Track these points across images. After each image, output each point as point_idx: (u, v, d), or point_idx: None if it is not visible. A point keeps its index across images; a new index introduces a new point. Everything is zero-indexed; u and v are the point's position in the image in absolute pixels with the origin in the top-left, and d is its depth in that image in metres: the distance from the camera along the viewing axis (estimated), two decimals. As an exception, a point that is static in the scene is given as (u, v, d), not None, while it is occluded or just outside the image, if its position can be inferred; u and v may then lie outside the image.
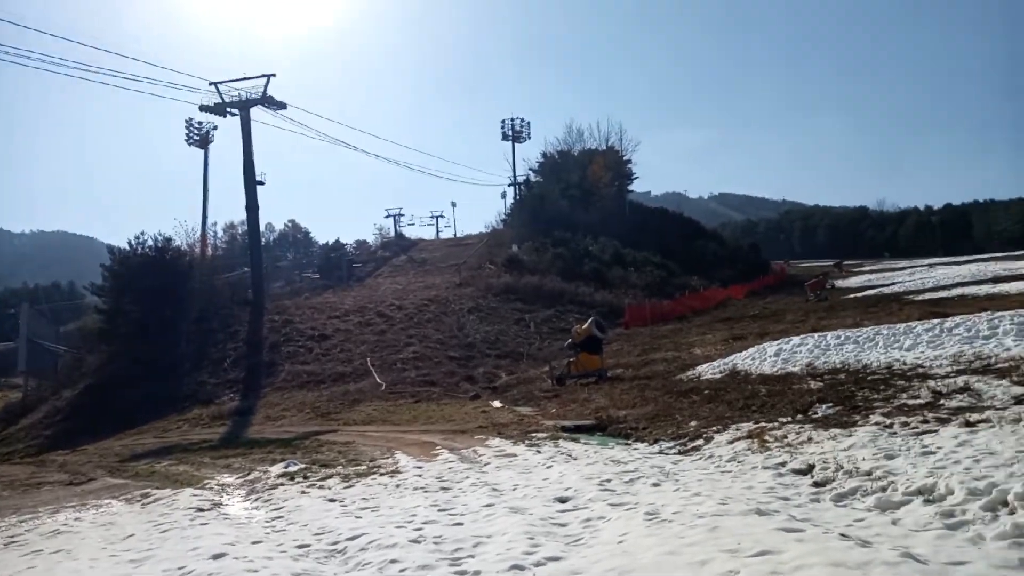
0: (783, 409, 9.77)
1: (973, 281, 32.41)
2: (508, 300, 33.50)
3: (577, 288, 37.47)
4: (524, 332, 28.72)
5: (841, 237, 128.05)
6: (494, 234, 59.65)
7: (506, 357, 24.44)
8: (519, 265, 41.79)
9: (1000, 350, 11.28)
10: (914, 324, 14.74)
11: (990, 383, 9.07)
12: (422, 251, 57.21)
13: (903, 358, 12.05)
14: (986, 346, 11.73)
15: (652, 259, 50.10)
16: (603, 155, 66.04)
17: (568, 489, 6.76)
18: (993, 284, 28.39)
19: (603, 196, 61.44)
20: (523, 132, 64.42)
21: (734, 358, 15.49)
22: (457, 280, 38.07)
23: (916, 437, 6.98)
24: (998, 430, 6.72)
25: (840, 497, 5.52)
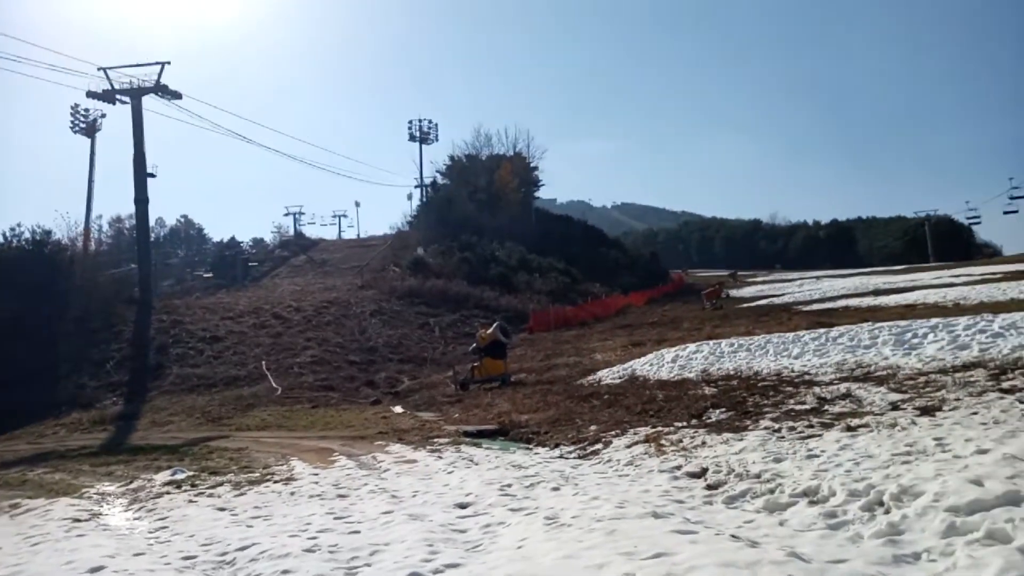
0: (679, 414, 10.04)
1: (856, 293, 34.32)
2: (412, 303, 33.21)
3: (483, 292, 37.56)
4: (428, 336, 28.54)
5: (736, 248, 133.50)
6: (399, 236, 59.12)
7: (409, 362, 24.19)
8: (424, 268, 41.55)
9: (879, 359, 11.96)
10: (802, 333, 15.48)
11: (870, 390, 9.60)
12: (323, 251, 56.07)
13: (791, 365, 12.61)
14: (867, 355, 12.41)
15: (557, 265, 50.79)
16: (511, 161, 66.51)
17: (469, 495, 6.73)
18: (874, 296, 30.11)
19: (510, 201, 61.89)
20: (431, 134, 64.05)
21: (633, 364, 15.86)
22: (359, 282, 37.49)
23: (802, 441, 7.29)
24: (876, 434, 7.10)
25: (731, 499, 5.70)
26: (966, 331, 12.59)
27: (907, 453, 6.08)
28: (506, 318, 26.52)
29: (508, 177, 63.49)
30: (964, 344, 11.79)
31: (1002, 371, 9.57)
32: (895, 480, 5.15)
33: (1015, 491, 4.50)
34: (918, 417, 7.66)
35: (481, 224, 54.18)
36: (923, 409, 8.00)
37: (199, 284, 44.09)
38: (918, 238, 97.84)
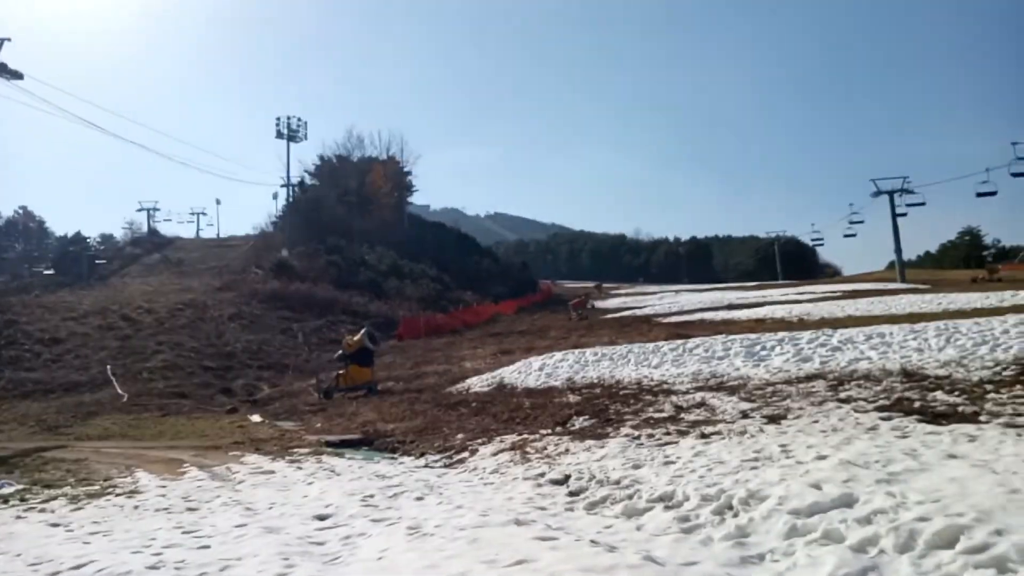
0: (545, 422, 10.19)
1: (712, 307, 36.13)
2: (275, 307, 32.06)
3: (351, 298, 36.83)
4: (291, 342, 27.62)
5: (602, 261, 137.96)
6: (263, 237, 56.91)
7: (270, 368, 23.32)
8: (289, 271, 40.20)
9: (732, 369, 12.62)
10: (661, 344, 16.12)
11: (722, 399, 10.10)
12: (180, 250, 53.09)
13: (651, 375, 13.09)
14: (720, 365, 13.08)
15: (429, 272, 50.58)
16: (384, 164, 65.69)
17: (329, 506, 6.50)
18: (728, 311, 31.81)
19: (382, 205, 61.11)
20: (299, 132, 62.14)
21: (502, 372, 15.98)
22: (218, 284, 35.71)
23: (660, 448, 7.56)
24: (727, 441, 7.47)
25: (592, 505, 5.80)
26: (809, 345, 13.52)
27: (755, 459, 6.42)
28: (375, 324, 26.08)
29: (380, 181, 62.68)
30: (807, 357, 12.65)
31: (840, 382, 10.32)
32: (744, 485, 5.42)
33: (849, 494, 4.84)
34: (766, 425, 8.13)
35: (351, 227, 53.14)
36: (770, 417, 8.50)
37: (39, 281, 40.58)
38: (769, 257, 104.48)
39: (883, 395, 9.05)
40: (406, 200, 70.88)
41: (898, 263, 56.36)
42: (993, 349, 11.36)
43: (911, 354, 11.82)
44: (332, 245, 47.77)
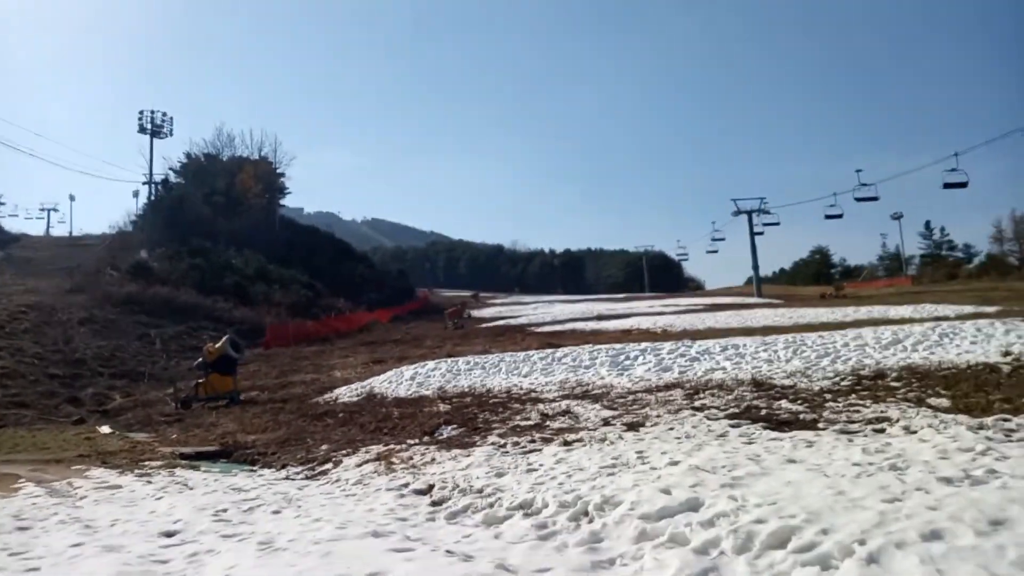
0: (412, 431, 10.11)
1: (583, 317, 37.12)
2: (131, 312, 30.18)
3: (215, 303, 35.22)
4: (148, 349, 26.07)
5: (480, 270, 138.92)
6: (120, 237, 53.47)
7: (124, 377, 21.91)
8: (148, 273, 37.96)
9: (597, 378, 12.99)
10: (532, 353, 16.38)
11: (586, 407, 10.38)
12: (26, 248, 49.13)
13: (521, 383, 13.27)
14: (587, 374, 13.43)
15: (300, 278, 49.15)
16: (255, 164, 63.41)
17: (178, 522, 6.16)
18: (598, 321, 32.77)
19: (252, 207, 58.89)
20: (164, 127, 59.09)
21: (372, 381, 15.74)
22: (68, 286, 33.21)
23: (524, 456, 7.66)
24: (588, 448, 7.67)
25: (453, 515, 5.80)
26: (669, 355, 14.12)
27: (613, 465, 6.62)
28: (240, 332, 25.06)
29: (251, 181, 60.41)
30: (667, 366, 13.20)
31: (696, 391, 10.84)
32: (600, 491, 5.57)
33: (695, 498, 5.07)
34: (625, 432, 8.41)
35: (217, 229, 50.84)
36: (630, 425, 8.80)
37: None
38: (638, 270, 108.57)
39: (734, 403, 9.57)
40: (278, 203, 68.63)
41: (755, 279, 59.92)
42: (834, 361, 12.26)
43: (762, 365, 12.57)
44: (196, 247, 45.52)
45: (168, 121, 59.60)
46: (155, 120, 58.71)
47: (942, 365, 11.13)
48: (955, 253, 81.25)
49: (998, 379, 9.75)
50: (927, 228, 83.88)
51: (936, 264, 77.60)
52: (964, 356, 11.67)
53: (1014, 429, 6.99)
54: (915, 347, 12.79)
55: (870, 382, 10.33)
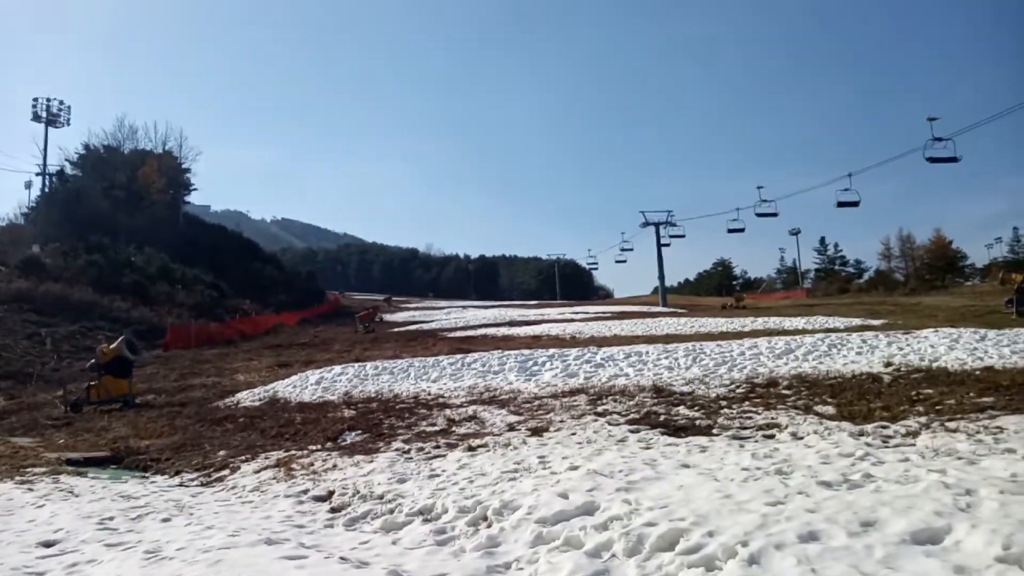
0: (315, 437, 9.92)
1: (495, 323, 37.29)
2: (20, 310, 28.47)
3: (112, 302, 33.59)
4: (38, 349, 24.64)
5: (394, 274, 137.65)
6: (10, 230, 50.35)
7: (9, 378, 20.61)
8: (40, 269, 35.84)
9: (505, 384, 13.09)
10: (442, 358, 16.36)
11: (493, 412, 10.44)
12: (-97, 241, 45.65)
13: (429, 388, 13.23)
14: (495, 380, 13.51)
15: (204, 278, 47.50)
16: (159, 158, 60.97)
17: (59, 531, 5.85)
18: (509, 327, 32.98)
19: (155, 203, 56.58)
20: (61, 116, 56.00)
21: (276, 385, 15.37)
22: (-51, 280, 31.13)
23: (427, 461, 7.65)
24: (492, 454, 7.73)
25: (352, 521, 5.74)
26: (576, 361, 14.37)
27: (515, 470, 6.70)
28: (138, 332, 24.04)
29: (154, 176, 58.04)
30: (573, 372, 13.43)
31: (599, 397, 11.07)
32: (499, 496, 5.63)
33: (591, 502, 5.19)
34: (529, 437, 8.51)
35: (117, 225, 48.54)
36: (534, 430, 8.91)
37: None
38: (550, 277, 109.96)
39: (635, 409, 9.82)
40: (183, 199, 66.20)
41: (661, 289, 61.70)
42: (731, 369, 12.75)
43: (663, 372, 12.95)
44: (94, 243, 43.29)
45: (65, 110, 56.58)
46: (51, 108, 55.59)
47: (830, 374, 11.75)
48: (847, 268, 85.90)
49: (879, 388, 10.37)
50: (822, 244, 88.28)
51: (830, 278, 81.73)
52: (850, 366, 12.35)
53: (891, 436, 7.45)
54: (806, 357, 13.45)
55: (763, 390, 10.80)
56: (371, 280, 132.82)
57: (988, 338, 14.72)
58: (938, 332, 16.12)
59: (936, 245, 75.40)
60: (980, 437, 6.98)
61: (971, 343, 14.12)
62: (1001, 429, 7.27)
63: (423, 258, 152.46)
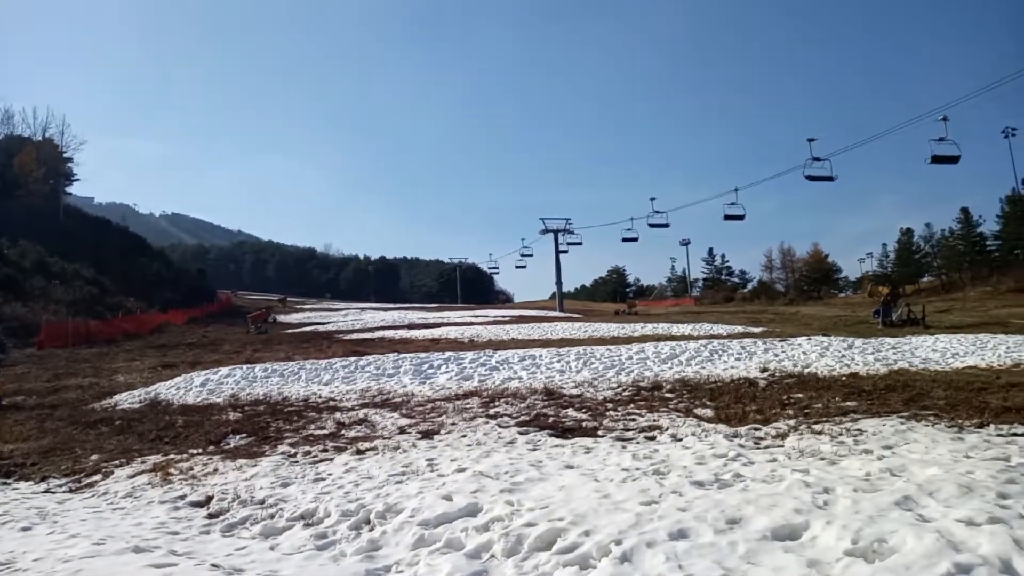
0: (197, 440, 9.57)
1: (393, 326, 36.92)
2: None
3: (-21, 297, 31.30)
4: None
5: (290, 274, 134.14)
6: None
7: None
8: None
9: (399, 387, 13.00)
10: (335, 361, 16.08)
11: (384, 415, 10.36)
12: None
13: (320, 392, 12.98)
14: (389, 383, 13.40)
15: (85, 273, 44.89)
16: (37, 146, 57.36)
17: (-101, 545, 5.43)
18: (408, 330, 32.72)
19: (32, 192, 53.15)
20: (-74, 97, 51.78)
21: (159, 387, 14.71)
22: None
23: (314, 465, 7.52)
24: (380, 457, 7.68)
25: (230, 527, 5.59)
26: (471, 364, 14.44)
27: (402, 473, 6.69)
28: (9, 329, 22.51)
29: (32, 164, 54.50)
30: (468, 375, 13.49)
31: (492, 399, 11.17)
32: (384, 499, 5.62)
33: (475, 504, 5.26)
34: (419, 440, 8.51)
35: (-12, 214, 45.31)
36: (425, 433, 8.91)
37: None
38: (451, 280, 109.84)
39: (526, 411, 9.98)
40: (64, 189, 62.44)
41: (558, 294, 62.91)
42: (619, 372, 13.12)
43: (555, 375, 13.20)
44: (-41, 233, 40.24)
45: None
46: (-88, 86, 51.36)
47: (710, 378, 12.28)
48: (733, 278, 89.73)
49: (755, 392, 10.92)
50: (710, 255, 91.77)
51: (716, 287, 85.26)
52: (729, 371, 12.95)
53: (762, 437, 7.87)
54: (689, 362, 14.01)
55: (648, 393, 11.18)
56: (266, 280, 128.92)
57: (855, 346, 15.76)
58: (811, 340, 17.12)
59: (814, 258, 79.80)
60: (842, 439, 7.47)
61: (840, 351, 15.07)
62: (861, 431, 7.80)
63: (321, 258, 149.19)
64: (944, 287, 58.43)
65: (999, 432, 7.49)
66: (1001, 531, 3.91)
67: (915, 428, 7.84)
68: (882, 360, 13.73)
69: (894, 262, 72.61)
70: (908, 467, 5.75)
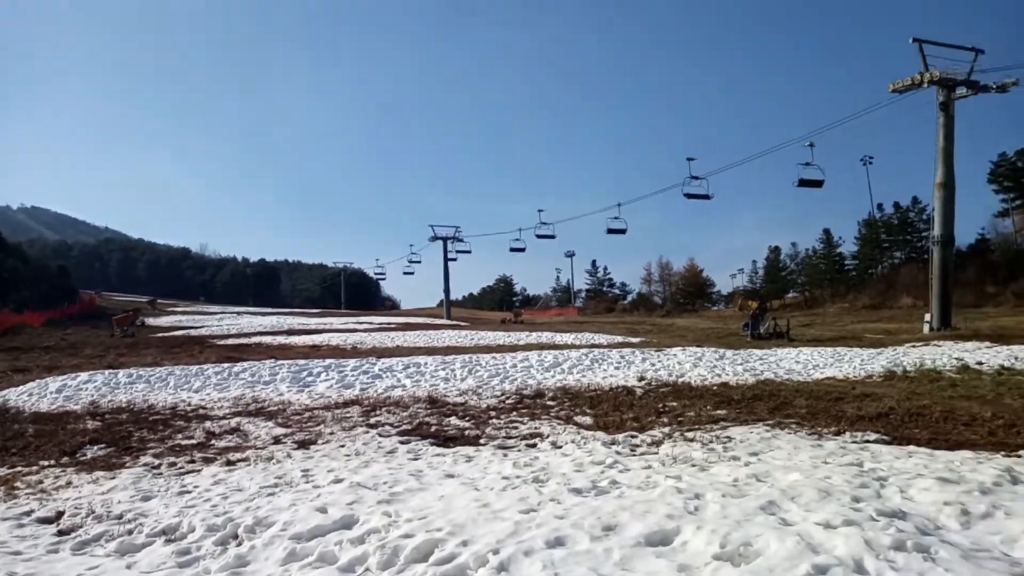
0: (49, 451, 8.86)
1: (272, 331, 35.67)
2: None
3: None
4: None
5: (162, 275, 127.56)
6: None
7: None
8: None
9: (275, 395, 12.55)
10: (207, 367, 15.35)
11: (259, 424, 9.96)
12: None
13: (190, 399, 12.35)
14: (265, 390, 12.91)
15: (-76, 268, 40.96)
16: None
17: None
18: (287, 336, 31.68)
19: None
20: None
21: (7, 393, 13.57)
22: None
23: (179, 477, 7.12)
24: (252, 468, 7.36)
25: (82, 544, 5.18)
26: (353, 372, 14.13)
27: (275, 485, 6.43)
28: None
29: None
30: (349, 384, 13.19)
31: (374, 408, 10.96)
32: (254, 512, 5.37)
33: (351, 515, 5.11)
34: (295, 450, 8.22)
35: None
36: (301, 443, 8.62)
37: None
38: (335, 285, 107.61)
39: (408, 420, 9.85)
40: (-99, 176, 56.83)
41: (446, 301, 62.82)
42: (503, 380, 13.19)
43: (439, 383, 13.11)
44: None
45: None
46: None
47: (591, 387, 12.55)
48: (614, 290, 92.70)
49: (632, 400, 11.24)
50: (593, 266, 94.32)
51: (599, 298, 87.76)
52: (608, 380, 13.28)
53: (639, 444, 8.09)
54: (571, 370, 14.27)
55: (531, 401, 11.30)
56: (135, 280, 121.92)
57: (726, 357, 16.52)
58: (685, 351, 17.83)
59: (690, 272, 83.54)
60: (713, 446, 7.77)
61: (712, 361, 15.77)
62: (730, 439, 8.16)
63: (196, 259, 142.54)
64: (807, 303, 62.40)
65: (854, 439, 8.02)
66: (855, 533, 4.15)
67: (779, 435, 8.27)
68: (750, 371, 14.45)
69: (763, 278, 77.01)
70: (772, 473, 6.04)
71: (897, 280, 55.06)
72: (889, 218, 65.73)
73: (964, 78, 27.19)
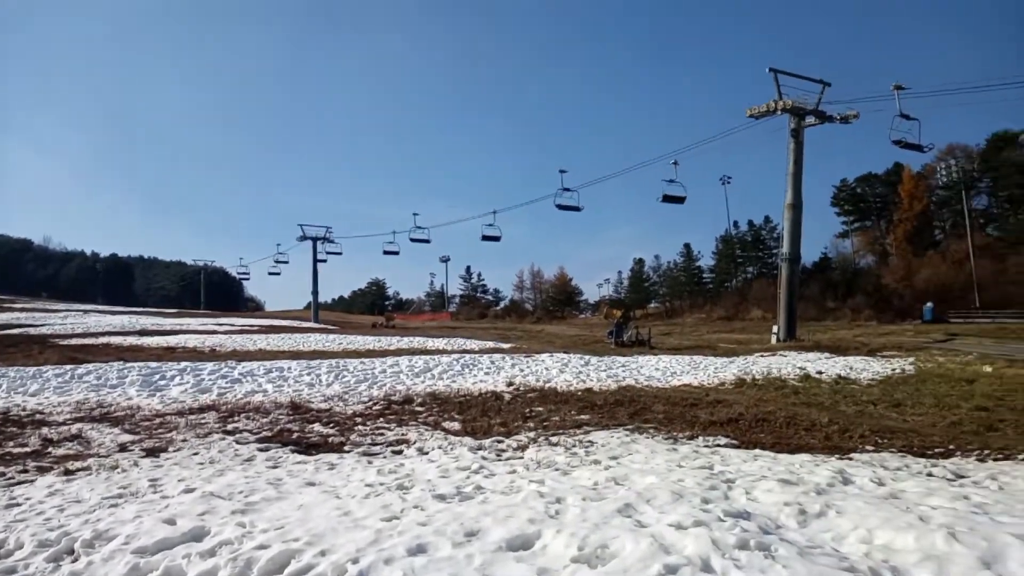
0: None
1: (122, 331, 33.49)
2: None
3: None
4: None
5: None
6: None
7: None
8: None
9: (123, 399, 11.76)
10: (47, 369, 14.23)
11: (103, 430, 9.29)
12: None
13: (25, 403, 11.37)
14: (111, 394, 12.07)
15: None
16: None
17: None
18: (139, 336, 29.85)
19: None
20: None
21: None
22: None
23: (8, 489, 6.51)
24: (94, 477, 6.85)
25: None
26: (210, 376, 13.47)
27: (119, 496, 6.01)
28: None
29: None
30: (206, 388, 12.56)
31: (231, 414, 10.47)
32: (93, 525, 4.99)
33: (201, 527, 4.84)
34: (142, 459, 7.72)
35: None
36: (150, 450, 8.11)
37: None
38: (194, 284, 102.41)
39: (268, 427, 9.48)
40: None
41: (314, 303, 61.16)
42: (371, 386, 12.97)
43: (304, 388, 12.72)
44: None
45: None
46: None
47: (460, 392, 12.56)
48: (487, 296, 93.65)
49: (500, 405, 11.34)
50: (467, 272, 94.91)
51: (472, 304, 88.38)
52: (478, 385, 13.35)
53: (504, 449, 8.16)
54: (441, 375, 14.24)
55: (399, 407, 11.16)
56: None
57: (591, 363, 17.01)
58: (553, 356, 18.22)
59: (560, 281, 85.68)
60: (575, 450, 7.96)
61: (578, 367, 16.19)
62: (592, 443, 8.38)
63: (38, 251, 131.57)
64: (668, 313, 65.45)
65: (706, 443, 8.44)
66: (703, 533, 4.36)
67: (638, 440, 8.58)
68: (613, 377, 14.93)
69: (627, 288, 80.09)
70: (630, 476, 6.25)
71: (749, 293, 58.82)
72: (744, 235, 70.14)
73: (813, 108, 29.43)
